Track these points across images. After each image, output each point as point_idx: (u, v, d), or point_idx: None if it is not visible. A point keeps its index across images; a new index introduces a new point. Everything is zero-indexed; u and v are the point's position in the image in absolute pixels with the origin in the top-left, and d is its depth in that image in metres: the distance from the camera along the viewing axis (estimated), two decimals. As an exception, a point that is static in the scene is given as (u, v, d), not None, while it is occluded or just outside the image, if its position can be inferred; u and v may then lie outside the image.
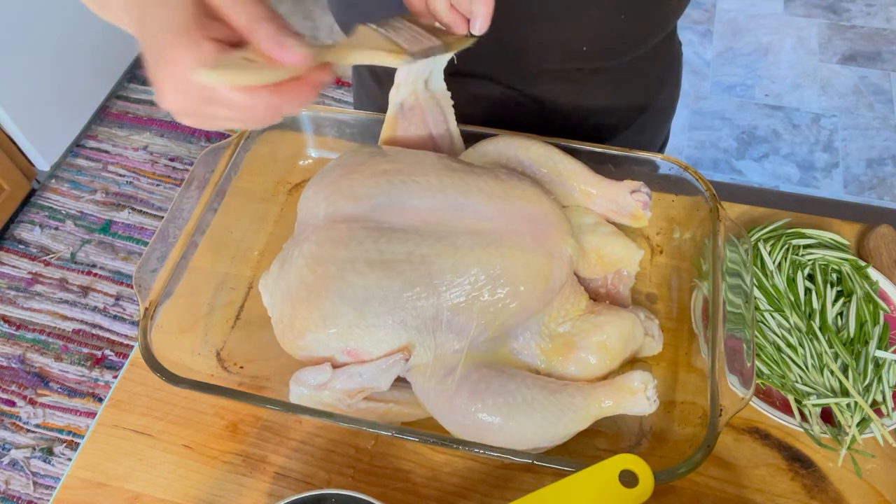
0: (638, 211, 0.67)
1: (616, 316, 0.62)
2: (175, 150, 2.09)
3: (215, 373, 0.65)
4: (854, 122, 2.13)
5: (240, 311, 0.71)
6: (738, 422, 0.63)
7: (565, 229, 0.62)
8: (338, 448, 0.63)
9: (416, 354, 0.58)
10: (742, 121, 2.15)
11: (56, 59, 1.92)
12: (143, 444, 0.64)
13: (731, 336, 0.57)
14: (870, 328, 0.65)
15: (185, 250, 0.65)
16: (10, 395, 1.67)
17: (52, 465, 1.57)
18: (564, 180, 0.68)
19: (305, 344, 0.59)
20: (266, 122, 0.47)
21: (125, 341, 1.74)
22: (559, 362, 0.61)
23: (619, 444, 0.61)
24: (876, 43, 2.32)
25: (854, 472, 0.61)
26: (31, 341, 1.74)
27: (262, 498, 0.61)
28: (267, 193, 0.79)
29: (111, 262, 1.88)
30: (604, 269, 0.67)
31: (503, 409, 0.56)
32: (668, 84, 0.88)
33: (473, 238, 0.59)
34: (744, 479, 0.61)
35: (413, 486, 0.61)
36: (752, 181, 2.01)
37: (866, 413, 0.61)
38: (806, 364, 0.64)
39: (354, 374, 0.58)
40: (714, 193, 0.67)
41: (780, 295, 0.67)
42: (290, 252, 0.61)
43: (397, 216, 0.60)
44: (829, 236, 0.72)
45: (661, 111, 0.90)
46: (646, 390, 0.56)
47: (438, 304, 0.57)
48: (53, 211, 1.98)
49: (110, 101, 2.20)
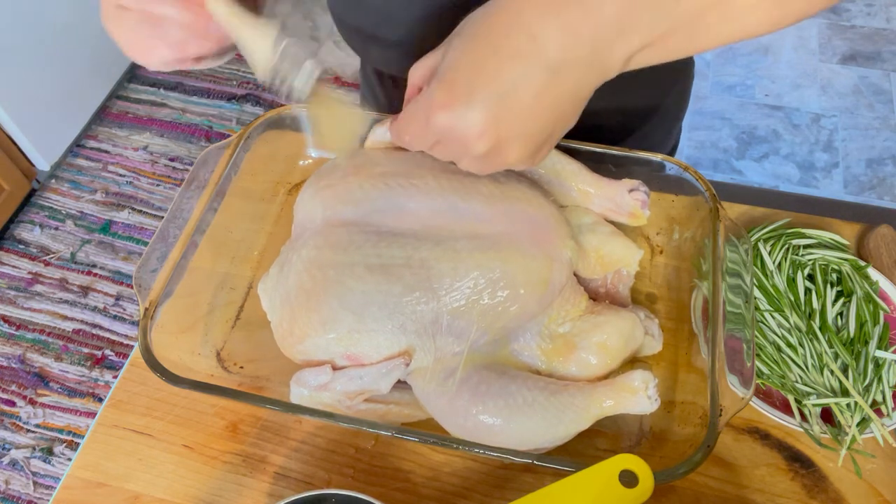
0: (636, 210, 0.67)
1: (616, 316, 0.62)
2: (175, 150, 2.09)
3: (215, 373, 0.65)
4: (854, 122, 2.13)
5: (240, 311, 0.71)
6: (738, 422, 0.63)
7: (565, 232, 0.62)
8: (338, 448, 0.63)
9: (416, 358, 0.58)
10: (742, 121, 2.15)
11: (56, 59, 1.92)
12: (143, 444, 0.64)
13: (731, 336, 0.57)
14: (870, 328, 0.65)
15: (185, 250, 0.65)
16: (10, 395, 1.67)
17: (52, 465, 1.57)
18: (563, 180, 0.67)
19: (305, 349, 0.59)
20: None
21: (125, 341, 1.74)
22: (560, 363, 0.61)
23: (619, 444, 0.61)
24: (876, 43, 2.32)
25: (854, 472, 0.61)
26: (31, 341, 1.74)
27: (262, 498, 0.61)
28: (267, 193, 0.79)
29: (111, 262, 1.88)
30: (603, 269, 0.67)
31: (504, 411, 0.56)
32: (678, 85, 0.88)
33: (473, 242, 0.58)
34: (744, 479, 0.61)
35: (413, 486, 0.61)
36: (752, 181, 2.01)
37: (866, 413, 0.61)
38: (806, 364, 0.64)
39: (355, 376, 0.58)
40: (714, 193, 0.67)
41: (780, 295, 0.67)
42: (288, 256, 0.61)
43: (396, 220, 0.60)
44: (829, 236, 0.72)
45: (669, 114, 0.89)
46: (647, 389, 0.56)
47: (438, 309, 0.57)
48: (53, 211, 1.98)
49: (110, 101, 2.20)
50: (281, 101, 0.60)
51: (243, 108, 2.18)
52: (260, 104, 2.19)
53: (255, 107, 2.18)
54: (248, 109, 2.18)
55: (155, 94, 2.23)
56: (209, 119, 2.16)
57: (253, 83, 2.23)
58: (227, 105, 2.19)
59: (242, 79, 2.25)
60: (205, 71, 2.27)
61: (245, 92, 2.21)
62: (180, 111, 2.18)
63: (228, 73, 2.26)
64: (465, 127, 0.46)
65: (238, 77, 2.25)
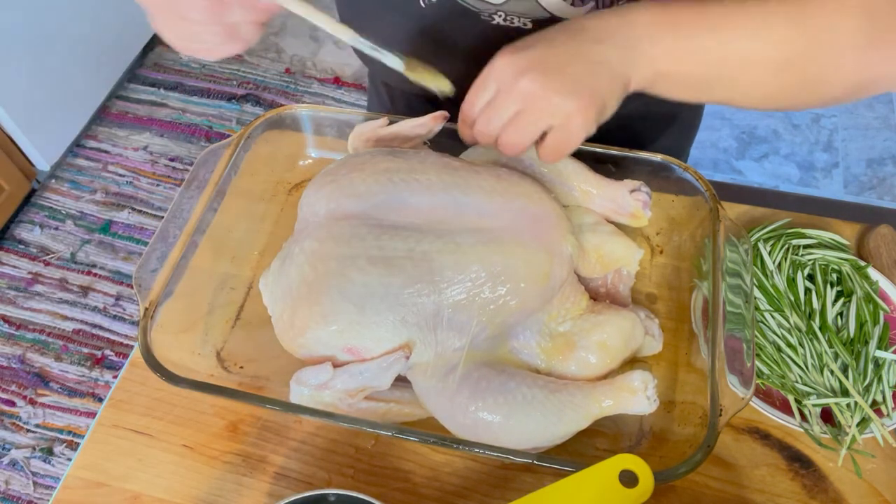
0: (638, 210, 0.67)
1: (616, 315, 0.62)
2: (175, 150, 2.09)
3: (215, 373, 0.65)
4: (854, 122, 2.13)
5: (240, 311, 0.71)
6: (738, 422, 0.63)
7: (565, 227, 0.62)
8: (338, 448, 0.63)
9: (416, 352, 0.58)
10: (742, 121, 2.15)
11: (56, 59, 1.92)
12: (143, 444, 0.64)
13: (731, 336, 0.57)
14: (870, 328, 0.65)
15: (185, 250, 0.65)
16: (10, 395, 1.67)
17: (52, 465, 1.57)
18: (564, 180, 0.68)
19: (306, 342, 0.59)
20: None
21: (125, 341, 1.74)
22: (559, 361, 0.61)
23: (619, 444, 0.61)
24: (876, 43, 2.32)
25: (854, 472, 0.61)
26: (31, 341, 1.74)
27: (262, 498, 0.61)
28: (267, 193, 0.79)
29: (111, 262, 1.88)
30: (604, 269, 0.67)
31: (503, 408, 0.56)
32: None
33: (474, 235, 0.59)
34: (744, 479, 0.61)
35: (413, 486, 0.61)
36: (752, 181, 2.01)
37: (866, 413, 0.61)
38: (806, 364, 0.64)
39: (355, 372, 0.58)
40: (714, 193, 0.67)
41: (780, 295, 0.67)
42: (290, 250, 0.61)
43: (398, 214, 0.60)
44: (829, 236, 0.72)
45: (685, 123, 0.89)
46: (646, 390, 0.56)
47: (439, 302, 0.57)
48: (53, 211, 1.98)
49: (110, 101, 2.20)
50: (281, 102, 0.60)
51: (243, 108, 2.18)
52: (260, 104, 2.19)
53: (255, 107, 2.18)
54: (248, 109, 2.18)
55: (155, 94, 2.23)
56: (209, 119, 2.16)
57: (253, 83, 2.23)
58: (227, 105, 2.19)
59: (242, 79, 2.25)
60: (205, 71, 2.27)
61: (245, 92, 2.21)
62: (180, 111, 2.18)
63: (228, 73, 2.26)
64: (552, 87, 0.51)
65: (238, 77, 2.25)
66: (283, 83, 2.23)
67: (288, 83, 2.23)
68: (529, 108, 0.53)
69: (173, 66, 2.30)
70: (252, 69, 2.27)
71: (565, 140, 0.54)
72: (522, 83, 0.52)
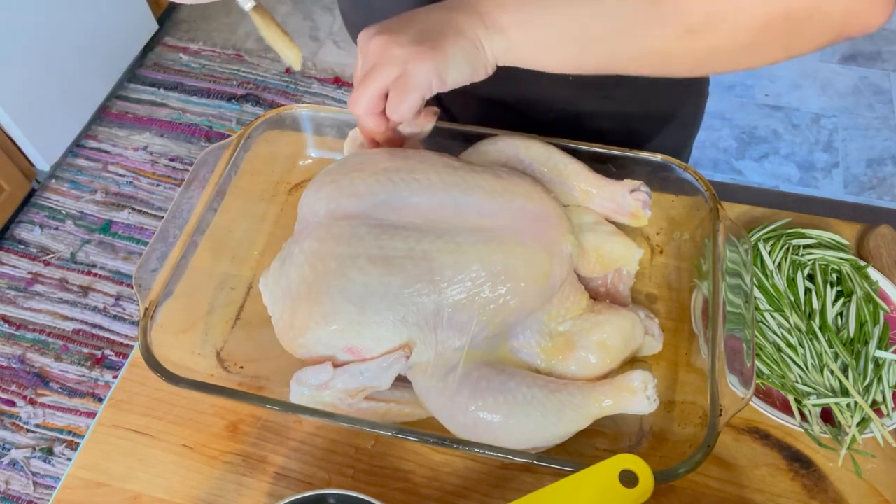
0: (638, 210, 0.67)
1: (616, 315, 0.62)
2: (175, 150, 2.09)
3: (215, 373, 0.65)
4: (854, 122, 2.13)
5: (240, 311, 0.71)
6: (738, 422, 0.63)
7: (565, 227, 0.62)
8: (338, 448, 0.63)
9: (416, 352, 0.58)
10: (742, 121, 2.15)
11: (56, 59, 1.92)
12: (143, 444, 0.64)
13: (731, 336, 0.57)
14: (870, 328, 0.65)
15: (185, 250, 0.65)
16: (10, 395, 1.67)
17: (52, 465, 1.57)
18: (564, 180, 0.68)
19: (306, 342, 0.59)
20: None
21: (125, 341, 1.74)
22: (559, 361, 0.61)
23: (619, 444, 0.61)
24: (876, 43, 2.32)
25: (854, 472, 0.61)
26: (31, 341, 1.74)
27: (262, 498, 0.61)
28: (267, 193, 0.79)
29: (111, 262, 1.88)
30: (604, 268, 0.67)
31: (503, 408, 0.56)
32: (694, 93, 0.88)
33: (474, 235, 0.59)
34: (744, 479, 0.61)
35: (413, 486, 0.61)
36: (752, 181, 2.01)
37: (866, 413, 0.61)
38: (806, 364, 0.64)
39: (355, 372, 0.58)
40: (714, 193, 0.67)
41: (780, 295, 0.67)
42: (290, 250, 0.61)
43: (398, 213, 0.60)
44: (829, 236, 0.72)
45: (685, 122, 0.89)
46: (646, 389, 0.56)
47: (439, 301, 0.57)
48: (53, 211, 1.98)
49: (110, 101, 2.20)
50: (281, 102, 0.61)
51: (243, 108, 2.18)
52: (260, 104, 2.19)
53: (255, 107, 2.18)
54: (248, 109, 2.18)
55: (155, 94, 2.23)
56: (209, 119, 2.16)
57: (253, 83, 2.23)
58: (227, 105, 2.19)
59: (242, 79, 2.25)
60: (205, 71, 2.27)
61: (245, 92, 2.21)
62: (180, 111, 2.18)
63: (229, 73, 2.26)
64: (395, 41, 0.56)
65: (238, 77, 2.25)
66: (283, 83, 2.23)
67: (288, 83, 2.23)
68: (377, 64, 0.56)
69: (173, 66, 2.30)
70: (252, 69, 2.28)
71: (403, 85, 0.55)
72: (371, 44, 0.57)
